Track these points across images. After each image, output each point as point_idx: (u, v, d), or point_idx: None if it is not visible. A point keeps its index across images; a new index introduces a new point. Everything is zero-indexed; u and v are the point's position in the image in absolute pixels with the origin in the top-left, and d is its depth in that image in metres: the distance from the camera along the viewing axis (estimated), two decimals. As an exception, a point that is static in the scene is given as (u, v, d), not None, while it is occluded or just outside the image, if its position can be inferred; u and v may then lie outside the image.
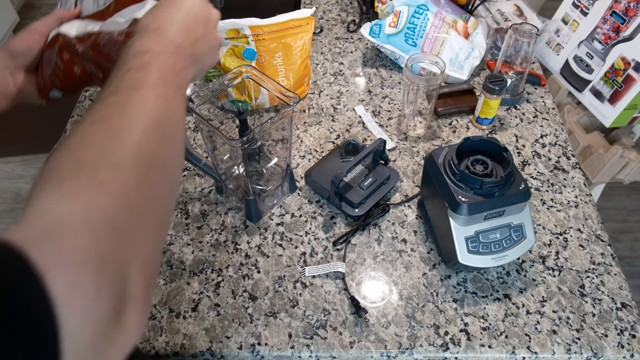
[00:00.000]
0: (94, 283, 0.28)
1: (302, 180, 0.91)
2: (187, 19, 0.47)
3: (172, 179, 0.40)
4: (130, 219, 0.32)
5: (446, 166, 0.72)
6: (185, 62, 0.45)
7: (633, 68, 1.04)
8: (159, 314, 0.74)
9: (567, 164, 0.95)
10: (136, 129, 0.36)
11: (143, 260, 0.32)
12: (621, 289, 0.77)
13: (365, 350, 0.70)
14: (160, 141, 0.37)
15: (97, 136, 0.35)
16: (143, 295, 0.32)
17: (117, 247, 0.30)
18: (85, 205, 0.30)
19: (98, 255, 0.29)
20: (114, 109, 0.37)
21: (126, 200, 0.32)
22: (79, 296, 0.27)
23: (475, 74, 1.13)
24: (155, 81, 0.39)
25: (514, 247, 0.72)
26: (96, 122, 0.36)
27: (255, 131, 0.71)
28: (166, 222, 0.39)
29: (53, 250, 0.27)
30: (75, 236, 0.28)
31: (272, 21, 0.96)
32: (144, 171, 0.35)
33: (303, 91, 1.07)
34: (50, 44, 0.61)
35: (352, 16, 1.28)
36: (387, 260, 0.80)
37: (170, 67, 0.42)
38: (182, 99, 0.42)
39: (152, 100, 0.38)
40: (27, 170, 2.11)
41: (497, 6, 1.20)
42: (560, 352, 0.70)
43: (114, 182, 0.32)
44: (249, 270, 0.79)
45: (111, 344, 0.29)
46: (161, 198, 0.37)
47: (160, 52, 0.42)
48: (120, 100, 0.37)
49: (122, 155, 0.34)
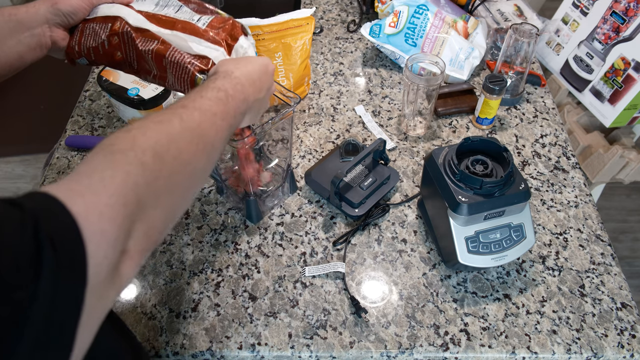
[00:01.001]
0: (115, 234, 0.35)
1: (302, 180, 0.91)
2: (259, 80, 0.58)
3: (194, 185, 0.48)
4: (152, 199, 0.40)
5: (446, 166, 0.72)
6: (244, 110, 0.56)
7: (633, 68, 1.04)
8: (159, 314, 0.74)
9: (567, 164, 0.95)
10: (185, 138, 0.44)
11: (147, 230, 0.39)
12: (621, 289, 0.77)
13: (365, 350, 0.70)
14: (200, 155, 0.46)
15: (155, 131, 0.43)
16: (139, 254, 0.39)
17: (135, 213, 0.37)
18: (126, 174, 0.37)
19: (123, 215, 0.36)
20: (177, 117, 0.46)
21: (155, 184, 0.40)
22: (105, 242, 0.34)
23: (475, 74, 1.13)
24: (217, 112, 0.49)
25: (514, 247, 0.72)
26: (158, 122, 0.44)
27: (256, 132, 0.71)
28: (175, 215, 0.46)
29: (92, 203, 0.34)
30: (110, 196, 0.35)
31: (272, 21, 0.96)
32: (176, 170, 0.43)
33: (303, 91, 1.07)
34: (104, 20, 0.64)
35: (352, 16, 1.28)
36: (387, 260, 0.80)
37: (233, 110, 0.52)
38: (228, 134, 0.52)
39: (208, 123, 0.48)
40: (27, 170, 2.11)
41: (497, 6, 1.20)
42: (560, 352, 0.70)
43: (152, 167, 0.40)
44: (249, 270, 0.79)
45: (112, 284, 0.36)
46: (180, 194, 0.45)
47: (233, 95, 0.53)
48: (185, 113, 0.46)
49: (167, 151, 0.42)
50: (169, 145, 0.42)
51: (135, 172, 0.38)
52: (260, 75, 0.59)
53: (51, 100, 1.62)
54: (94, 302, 0.33)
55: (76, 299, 0.31)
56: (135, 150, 0.40)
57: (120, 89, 0.93)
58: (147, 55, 0.62)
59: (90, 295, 0.32)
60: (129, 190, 0.37)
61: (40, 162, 2.06)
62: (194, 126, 0.46)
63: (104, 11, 0.65)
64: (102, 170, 0.37)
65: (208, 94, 0.50)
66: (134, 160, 0.39)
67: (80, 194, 0.34)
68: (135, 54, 0.63)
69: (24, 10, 0.60)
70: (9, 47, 0.60)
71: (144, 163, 0.39)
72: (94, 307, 0.34)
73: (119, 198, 0.36)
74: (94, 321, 0.35)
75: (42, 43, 0.63)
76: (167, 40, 0.62)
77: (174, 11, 0.67)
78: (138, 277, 0.78)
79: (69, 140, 0.98)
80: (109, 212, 0.35)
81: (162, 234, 0.44)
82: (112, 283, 0.36)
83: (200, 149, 0.46)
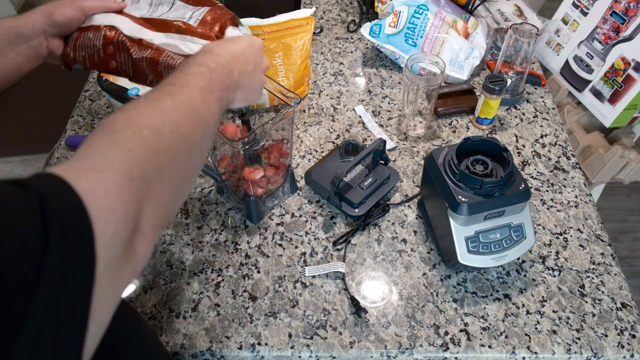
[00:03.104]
0: (124, 210, 0.36)
1: (302, 180, 0.91)
2: (243, 54, 0.58)
3: (194, 160, 0.49)
4: (156, 173, 0.41)
5: (446, 166, 0.72)
6: (230, 84, 0.55)
7: (633, 68, 1.04)
8: (159, 314, 0.74)
9: (567, 164, 0.95)
10: (179, 112, 0.46)
11: (157, 206, 0.41)
12: (621, 289, 0.77)
13: (365, 350, 0.70)
14: (195, 128, 0.47)
15: (149, 108, 0.44)
16: (151, 232, 0.40)
17: (142, 189, 0.38)
18: (127, 151, 0.38)
19: (129, 190, 0.37)
20: (167, 94, 0.47)
21: (157, 158, 0.41)
22: (114, 219, 0.35)
23: (475, 74, 1.13)
24: (203, 87, 0.50)
25: (514, 247, 0.72)
26: (150, 100, 0.46)
27: (257, 132, 0.71)
28: (181, 189, 0.47)
29: (97, 180, 0.35)
30: (115, 172, 0.36)
31: (272, 21, 0.96)
32: (175, 143, 0.44)
33: (303, 91, 1.07)
34: (97, 28, 0.65)
35: (352, 16, 1.28)
36: (387, 260, 0.80)
37: (219, 83, 0.52)
38: (219, 109, 0.52)
39: (197, 97, 0.48)
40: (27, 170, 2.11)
41: (497, 6, 1.20)
42: (560, 352, 0.70)
43: (151, 143, 0.41)
44: (249, 270, 0.79)
45: (127, 262, 0.36)
46: (183, 168, 0.46)
47: (215, 69, 0.52)
48: (174, 90, 0.48)
49: (163, 126, 0.43)
50: (165, 120, 0.44)
51: (136, 148, 0.39)
52: (243, 49, 0.58)
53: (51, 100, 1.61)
54: (108, 279, 0.33)
55: (86, 273, 0.32)
56: (133, 128, 0.41)
57: (120, 89, 0.93)
58: (141, 62, 0.63)
59: (103, 272, 0.33)
60: (133, 167, 0.38)
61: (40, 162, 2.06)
62: (185, 101, 0.47)
63: (99, 20, 0.66)
64: (103, 150, 0.38)
65: (191, 70, 0.51)
66: (134, 137, 0.40)
67: (84, 172, 0.35)
68: (130, 62, 0.64)
69: (22, 23, 0.62)
70: (8, 59, 0.62)
71: (143, 139, 0.40)
72: (109, 285, 0.34)
73: (124, 174, 0.37)
74: (109, 301, 0.35)
75: (39, 53, 0.65)
76: (160, 46, 0.63)
77: (168, 8, 0.67)
78: (138, 277, 0.78)
79: (69, 140, 0.99)
80: (115, 188, 0.35)
81: (171, 211, 0.45)
82: (127, 261, 0.36)
83: (195, 123, 0.47)
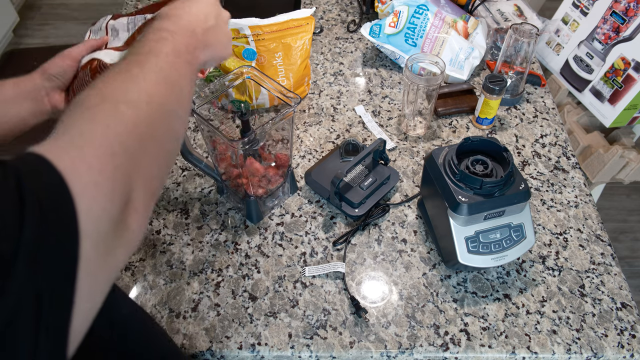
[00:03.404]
0: (109, 186, 0.35)
1: (302, 180, 0.91)
2: (201, 11, 0.56)
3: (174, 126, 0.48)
4: (138, 146, 0.40)
5: (446, 166, 0.72)
6: (197, 44, 0.53)
7: (633, 68, 1.04)
8: (159, 314, 0.74)
9: (567, 164, 0.95)
10: (150, 80, 0.44)
11: (145, 180, 0.40)
12: (621, 289, 0.77)
13: (365, 350, 0.70)
14: (169, 96, 0.46)
15: (119, 80, 0.43)
16: (143, 207, 0.40)
17: (126, 163, 0.38)
18: (105, 127, 0.38)
19: (113, 165, 0.36)
20: (134, 64, 0.45)
21: (136, 130, 0.40)
22: (100, 194, 0.34)
23: (475, 74, 1.13)
24: (169, 52, 0.48)
25: (514, 247, 0.72)
26: (118, 72, 0.44)
27: (257, 132, 0.71)
28: (166, 159, 0.47)
29: (78, 157, 0.34)
30: (95, 148, 0.36)
31: (272, 21, 0.96)
32: (152, 113, 0.43)
33: (303, 91, 1.07)
34: (84, 67, 0.70)
35: (352, 16, 1.28)
36: (387, 260, 0.80)
37: (184, 45, 0.50)
38: (191, 72, 0.51)
39: (164, 63, 0.47)
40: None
41: (497, 6, 1.20)
42: (560, 352, 0.70)
43: (129, 115, 0.40)
44: (249, 270, 0.79)
45: (120, 239, 0.36)
46: (164, 137, 0.45)
47: (176, 31, 0.51)
48: (140, 59, 0.46)
49: (137, 96, 0.42)
50: (138, 91, 0.43)
51: (113, 123, 0.39)
52: (199, 6, 0.56)
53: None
54: (97, 257, 0.33)
55: (69, 252, 0.31)
56: (108, 102, 0.40)
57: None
58: None
59: (91, 250, 0.32)
60: (113, 141, 0.37)
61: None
62: (153, 69, 0.46)
63: (85, 60, 0.71)
64: (79, 126, 0.37)
65: (151, 37, 0.49)
66: (110, 112, 0.39)
67: (65, 150, 0.35)
68: None
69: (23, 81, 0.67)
70: (12, 113, 0.66)
71: (119, 113, 0.40)
72: (99, 263, 0.33)
73: (105, 149, 0.36)
74: (102, 279, 0.35)
75: (43, 109, 0.68)
76: None
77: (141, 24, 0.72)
78: (138, 277, 0.78)
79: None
80: (97, 163, 0.35)
81: (160, 183, 0.45)
82: (119, 238, 0.36)
83: (168, 90, 0.46)
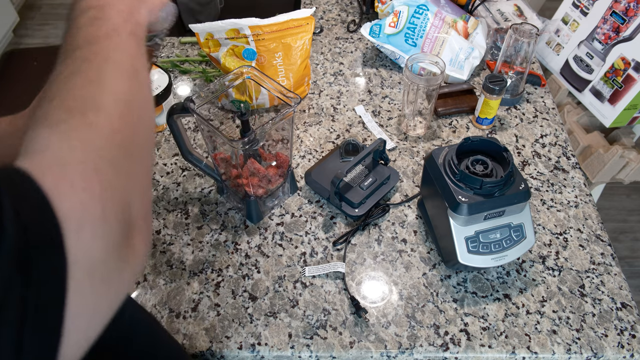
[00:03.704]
0: (99, 206, 0.32)
1: (302, 180, 0.91)
2: None
3: (147, 119, 0.44)
4: (121, 154, 0.37)
5: (446, 166, 0.72)
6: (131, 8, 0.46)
7: (633, 68, 1.04)
8: (159, 314, 0.74)
9: (567, 164, 0.95)
10: (106, 76, 0.39)
11: (141, 192, 0.37)
12: (621, 289, 0.77)
13: (365, 350, 0.70)
14: (131, 85, 0.41)
15: (77, 86, 0.38)
16: (144, 223, 0.37)
17: (116, 178, 0.35)
18: (82, 143, 0.34)
19: (99, 182, 0.33)
20: (82, 61, 0.40)
21: (114, 138, 0.37)
22: (88, 217, 0.31)
23: (475, 74, 1.13)
24: (107, 33, 0.42)
25: (514, 247, 0.72)
26: (71, 74, 0.39)
27: (257, 132, 0.71)
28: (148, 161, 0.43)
29: (60, 176, 0.31)
30: (77, 166, 0.33)
31: (272, 21, 0.96)
32: (124, 113, 0.39)
33: (303, 91, 1.07)
34: None
35: (352, 16, 1.28)
36: (387, 260, 0.80)
37: (118, 16, 0.44)
38: (137, 45, 0.45)
39: (109, 49, 0.41)
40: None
41: (497, 6, 1.20)
42: (560, 352, 0.70)
43: (101, 123, 0.36)
44: (249, 270, 0.79)
45: (124, 263, 0.34)
46: (142, 136, 0.41)
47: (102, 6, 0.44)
48: (84, 54, 0.41)
49: (102, 100, 0.38)
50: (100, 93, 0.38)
51: (89, 136, 0.35)
52: None
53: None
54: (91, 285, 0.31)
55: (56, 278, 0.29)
56: (74, 114, 0.36)
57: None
58: None
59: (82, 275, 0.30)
60: (95, 156, 0.34)
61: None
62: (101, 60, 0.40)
63: None
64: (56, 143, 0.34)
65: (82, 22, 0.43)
66: (80, 125, 0.35)
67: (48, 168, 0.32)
68: None
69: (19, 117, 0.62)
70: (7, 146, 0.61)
71: (91, 124, 0.36)
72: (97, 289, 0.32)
73: (87, 165, 0.33)
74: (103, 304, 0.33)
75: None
76: None
77: None
78: (138, 277, 0.78)
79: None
80: (81, 182, 0.32)
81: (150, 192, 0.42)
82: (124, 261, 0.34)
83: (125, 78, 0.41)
